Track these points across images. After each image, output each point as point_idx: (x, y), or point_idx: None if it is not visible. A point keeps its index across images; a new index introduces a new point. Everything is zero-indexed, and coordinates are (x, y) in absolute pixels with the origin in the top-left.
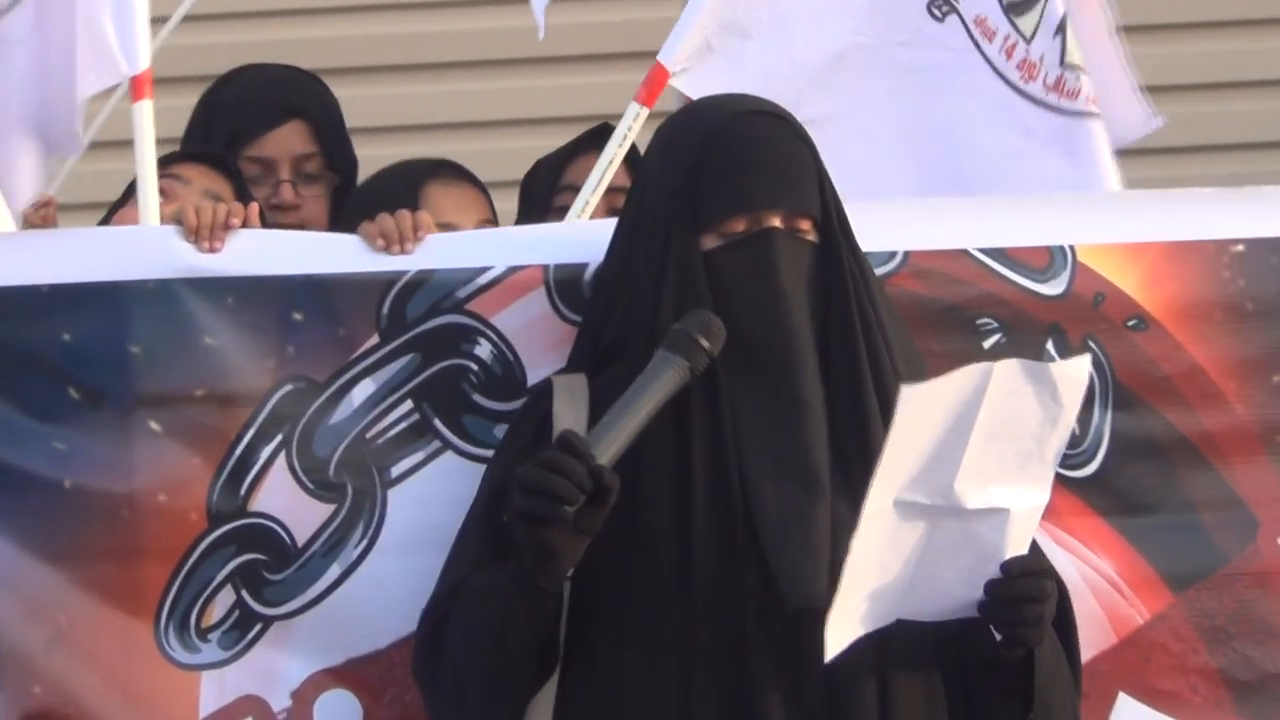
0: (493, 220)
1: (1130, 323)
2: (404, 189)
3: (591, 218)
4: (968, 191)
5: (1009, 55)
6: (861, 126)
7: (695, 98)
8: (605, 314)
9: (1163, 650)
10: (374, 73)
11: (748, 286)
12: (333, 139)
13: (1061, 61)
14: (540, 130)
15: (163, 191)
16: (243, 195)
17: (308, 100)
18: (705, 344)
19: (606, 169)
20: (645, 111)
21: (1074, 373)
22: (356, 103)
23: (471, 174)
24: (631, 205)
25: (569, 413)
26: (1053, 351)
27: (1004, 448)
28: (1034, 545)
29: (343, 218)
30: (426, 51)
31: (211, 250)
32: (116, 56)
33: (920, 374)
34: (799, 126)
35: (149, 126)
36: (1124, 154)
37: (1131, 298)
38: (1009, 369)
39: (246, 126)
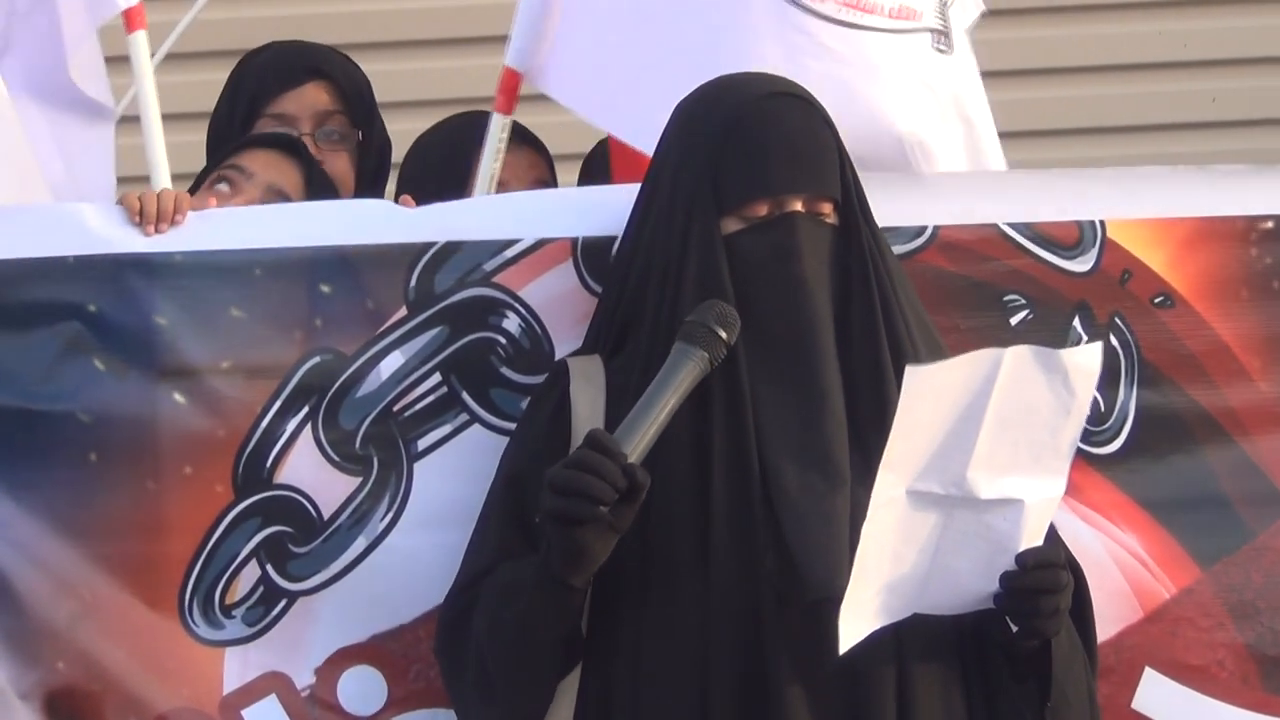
0: (551, 185)
1: (1157, 300)
2: (455, 150)
3: None
4: None
5: None
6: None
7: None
8: (621, 293)
9: (1190, 625)
10: (432, 46)
11: (769, 271)
12: (357, 103)
13: None
14: None
15: (227, 180)
16: (312, 182)
17: (331, 64)
18: (723, 334)
19: (490, 184)
20: (509, 120)
21: (1085, 361)
22: (417, 76)
23: (532, 136)
24: (649, 185)
25: (585, 396)
26: (1079, 329)
27: (1017, 437)
28: (1050, 534)
29: (401, 173)
30: (482, 24)
31: (157, 231)
32: None
33: (939, 355)
34: (821, 108)
35: (145, 58)
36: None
37: (1158, 275)
38: (1020, 356)
39: (269, 86)
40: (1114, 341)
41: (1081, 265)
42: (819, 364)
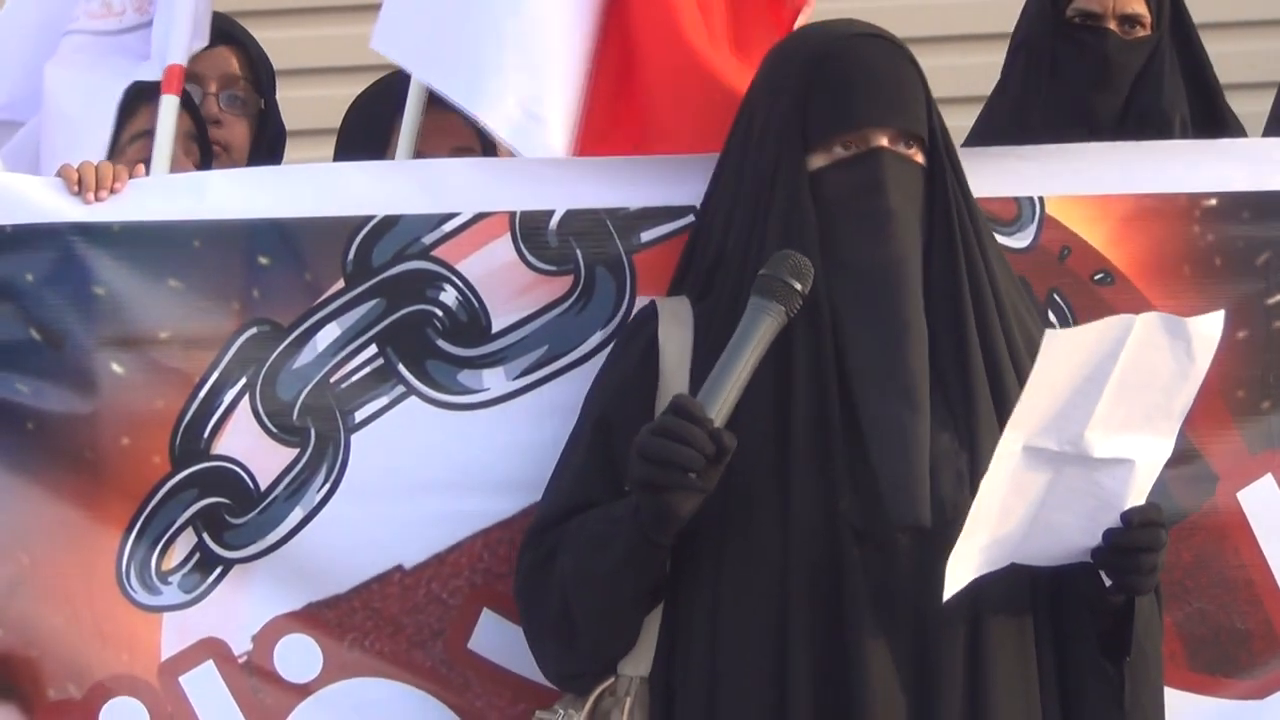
0: (475, 150)
1: (1097, 276)
2: (383, 113)
3: None
4: None
5: None
6: None
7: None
8: (710, 233)
9: None
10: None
11: (855, 206)
12: (263, 75)
13: None
14: None
15: None
16: (203, 135)
17: (241, 33)
18: (798, 286)
19: (409, 148)
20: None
21: (1208, 329)
22: (323, 42)
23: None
24: (739, 128)
25: (674, 337)
26: None
27: (1135, 399)
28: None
29: (339, 136)
30: None
31: (97, 200)
32: None
33: (1027, 302)
34: (906, 49)
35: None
36: None
37: (1099, 251)
38: (1149, 321)
39: None
40: (1052, 318)
41: (1020, 241)
42: (904, 297)
